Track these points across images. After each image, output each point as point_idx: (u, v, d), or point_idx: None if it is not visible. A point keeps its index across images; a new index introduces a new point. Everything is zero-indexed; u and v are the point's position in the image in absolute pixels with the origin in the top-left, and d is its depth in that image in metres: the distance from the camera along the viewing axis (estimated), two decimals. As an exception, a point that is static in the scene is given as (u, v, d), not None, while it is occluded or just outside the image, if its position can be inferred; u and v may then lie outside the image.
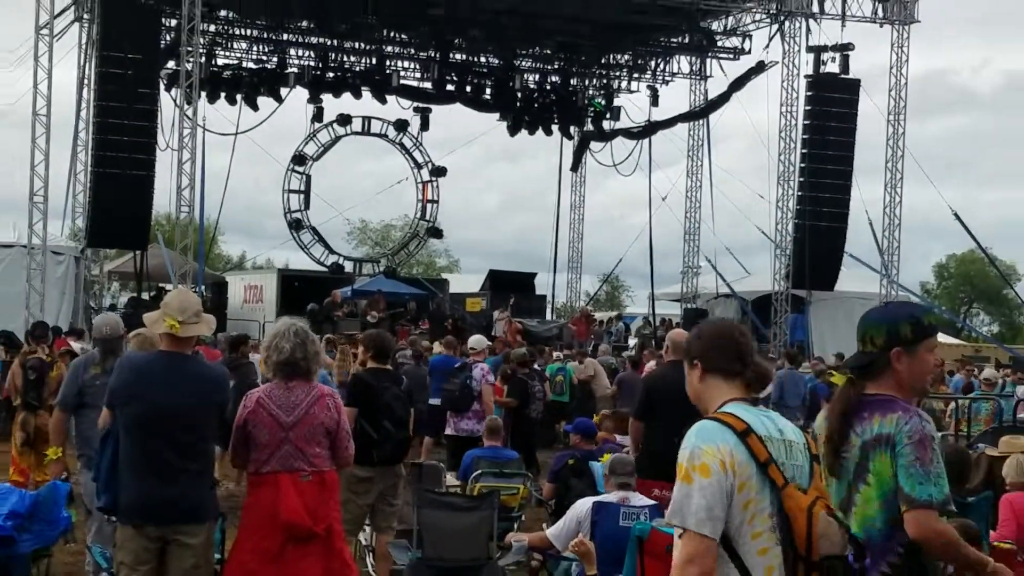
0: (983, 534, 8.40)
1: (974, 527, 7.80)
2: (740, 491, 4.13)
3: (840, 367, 5.46)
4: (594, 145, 42.45)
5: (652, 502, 9.13)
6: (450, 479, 12.41)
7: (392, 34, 39.14)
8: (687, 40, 38.90)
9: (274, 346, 7.55)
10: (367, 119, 41.44)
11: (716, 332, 4.68)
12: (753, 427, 4.24)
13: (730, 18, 37.07)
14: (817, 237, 34.85)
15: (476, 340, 19.59)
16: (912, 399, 4.98)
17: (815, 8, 34.89)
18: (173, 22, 31.80)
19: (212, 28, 35.31)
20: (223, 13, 36.28)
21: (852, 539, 4.33)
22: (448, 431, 17.00)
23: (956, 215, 37.16)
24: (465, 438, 16.26)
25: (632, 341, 32.14)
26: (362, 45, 39.42)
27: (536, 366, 22.71)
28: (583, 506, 9.29)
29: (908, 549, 4.78)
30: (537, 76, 41.95)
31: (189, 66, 31.18)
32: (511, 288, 38.03)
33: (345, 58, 39.68)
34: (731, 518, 4.13)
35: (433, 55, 39.94)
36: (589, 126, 42.35)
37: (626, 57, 41.22)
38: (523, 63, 41.26)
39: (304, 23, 37.83)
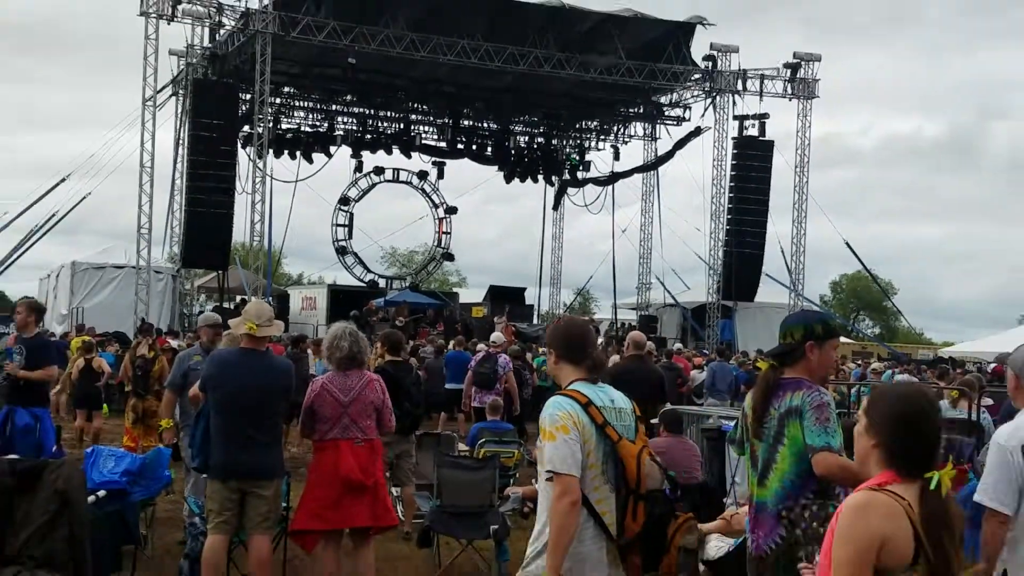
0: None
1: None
2: (585, 444, 4.47)
3: (764, 355, 5.41)
4: (570, 190, 42.48)
5: (615, 464, 9.12)
6: (461, 446, 12.39)
7: (416, 105, 39.24)
8: (641, 111, 39.07)
9: (335, 345, 7.58)
10: (396, 170, 41.44)
11: (567, 328, 5.08)
12: (592, 400, 4.60)
13: (674, 94, 37.13)
14: (741, 260, 34.92)
15: (496, 336, 19.68)
16: (816, 383, 4.99)
17: (739, 87, 34.95)
18: (248, 96, 31.76)
19: (277, 101, 35.29)
20: (286, 89, 36.37)
21: (669, 477, 4.79)
22: (474, 404, 16.85)
23: (847, 244, 37.34)
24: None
25: (600, 340, 32.04)
26: (392, 113, 39.46)
27: (527, 358, 22.75)
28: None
29: (817, 492, 4.80)
30: (526, 137, 41.99)
31: (260, 130, 31.19)
32: (506, 299, 37.98)
33: (379, 123, 39.63)
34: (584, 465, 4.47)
35: (447, 121, 39.99)
36: (566, 176, 42.39)
37: (595, 123, 41.32)
38: (516, 127, 41.35)
39: (348, 97, 37.94)
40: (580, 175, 42.14)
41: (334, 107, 38.86)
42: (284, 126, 37.60)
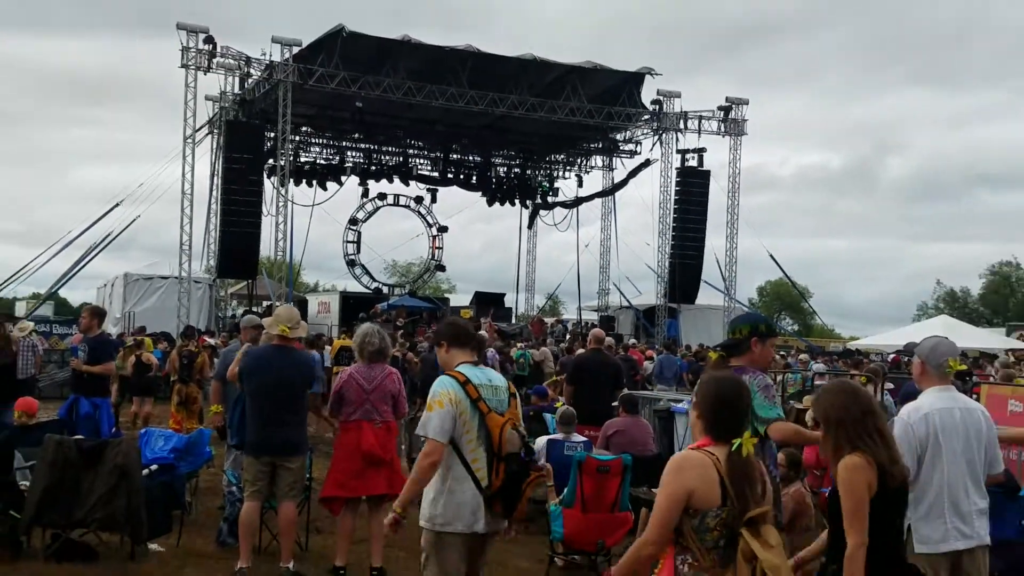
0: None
1: (797, 453, 7.87)
2: (460, 416, 4.79)
3: (716, 347, 5.44)
4: (542, 212, 42.38)
5: (585, 439, 9.13)
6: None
7: (413, 141, 39.13)
8: (600, 146, 39.04)
9: (367, 341, 7.54)
10: (397, 196, 41.28)
11: (453, 324, 5.51)
12: (470, 379, 4.90)
13: (627, 132, 37.08)
14: (683, 269, 34.96)
15: (482, 334, 19.84)
16: (758, 371, 5.04)
17: (682, 126, 34.99)
18: (271, 134, 31.67)
19: (296, 138, 35.11)
20: (304, 128, 36.23)
21: (526, 444, 4.89)
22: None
23: (771, 255, 37.35)
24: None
25: (568, 336, 32.07)
26: (393, 148, 39.33)
27: (508, 352, 22.84)
28: (540, 442, 9.26)
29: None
30: (505, 168, 41.91)
31: (282, 162, 31.10)
32: (489, 303, 37.98)
33: (382, 157, 39.53)
34: (456, 431, 4.78)
35: (439, 155, 39.90)
36: (538, 200, 42.31)
37: (562, 156, 41.26)
38: (496, 160, 41.23)
39: (356, 135, 37.82)
40: (550, 199, 42.20)
41: (344, 143, 38.76)
42: (302, 159, 37.46)
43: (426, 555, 4.96)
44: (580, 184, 40.86)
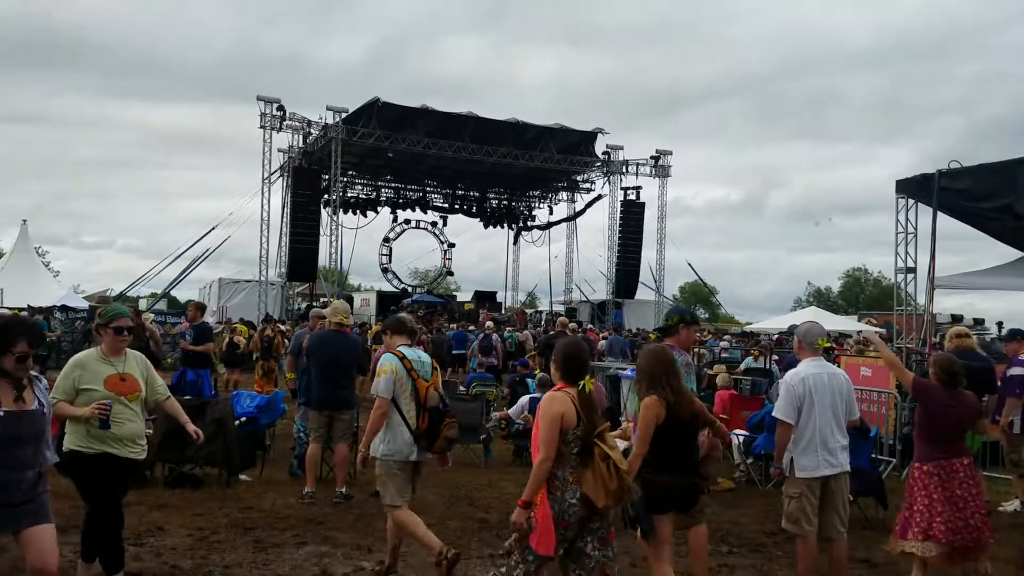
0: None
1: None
2: (399, 381, 5.08)
3: (655, 330, 5.37)
4: (524, 233, 42.33)
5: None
6: (461, 388, 12.38)
7: (429, 181, 39.04)
8: (565, 184, 38.94)
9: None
10: (418, 221, 41.19)
11: (396, 319, 5.63)
12: (407, 355, 5.19)
13: (585, 174, 37.00)
14: (626, 274, 35.11)
15: (490, 324, 19.62)
16: (682, 350, 5.05)
17: (624, 170, 35.11)
18: (326, 176, 31.53)
19: (344, 179, 34.86)
20: (350, 172, 36.04)
21: (443, 400, 5.19)
22: (482, 361, 17.01)
23: (689, 264, 37.81)
24: (488, 367, 16.25)
25: (543, 322, 32.09)
26: (415, 187, 39.27)
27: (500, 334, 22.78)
28: (524, 399, 9.31)
29: None
30: (497, 201, 41.79)
31: (334, 197, 31.05)
32: (486, 299, 38.07)
33: (407, 193, 39.45)
34: (396, 392, 5.06)
35: (449, 191, 39.84)
36: (522, 224, 42.32)
37: (537, 192, 41.17)
38: (490, 195, 41.13)
39: (388, 176, 37.74)
40: (529, 223, 42.18)
41: (380, 183, 38.55)
42: (349, 195, 37.26)
43: (381, 478, 5.15)
44: (551, 212, 40.90)
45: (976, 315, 27.63)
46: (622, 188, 35.62)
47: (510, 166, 32.92)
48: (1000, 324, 22.16)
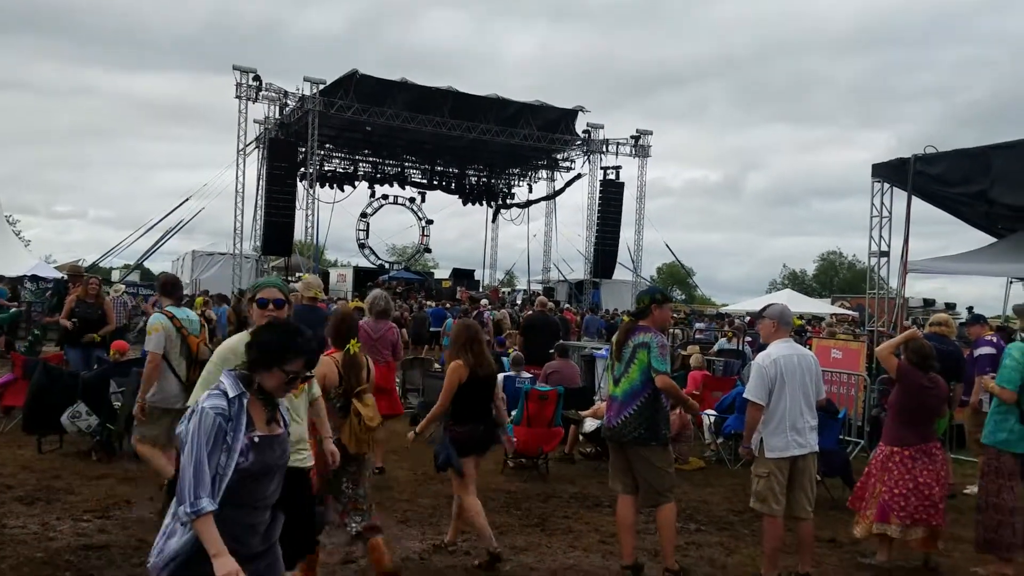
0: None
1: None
2: (168, 338, 5.64)
3: (628, 312, 5.37)
4: (503, 211, 42.15)
5: (531, 375, 9.16)
6: (436, 365, 12.34)
7: (407, 156, 38.63)
8: (545, 163, 38.88)
9: (375, 302, 7.51)
10: (396, 197, 40.80)
11: (165, 281, 6.17)
12: (176, 315, 5.75)
13: (565, 153, 36.98)
14: (603, 254, 35.17)
15: (484, 302, 19.56)
16: (658, 331, 5.05)
17: (604, 149, 35.04)
18: (303, 149, 31.15)
19: (321, 153, 34.43)
20: (327, 145, 35.61)
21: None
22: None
23: (667, 244, 38.20)
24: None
25: (521, 301, 32.13)
26: (393, 161, 38.86)
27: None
28: (499, 377, 9.30)
29: (651, 394, 4.84)
30: (476, 178, 41.54)
31: (310, 170, 30.68)
32: (463, 276, 38.00)
33: (385, 168, 39.08)
34: (167, 347, 5.61)
35: (427, 167, 39.51)
36: (501, 202, 42.16)
37: (517, 170, 40.95)
38: (469, 172, 40.87)
39: (366, 151, 37.35)
40: (508, 201, 42.01)
41: (357, 157, 38.17)
42: (326, 168, 36.86)
43: (139, 419, 5.69)
44: (530, 190, 40.68)
45: (947, 300, 28.03)
46: (602, 168, 35.58)
47: (490, 143, 32.69)
48: (971, 309, 22.46)
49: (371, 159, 38.59)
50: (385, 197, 40.75)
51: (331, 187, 36.84)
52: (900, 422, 5.27)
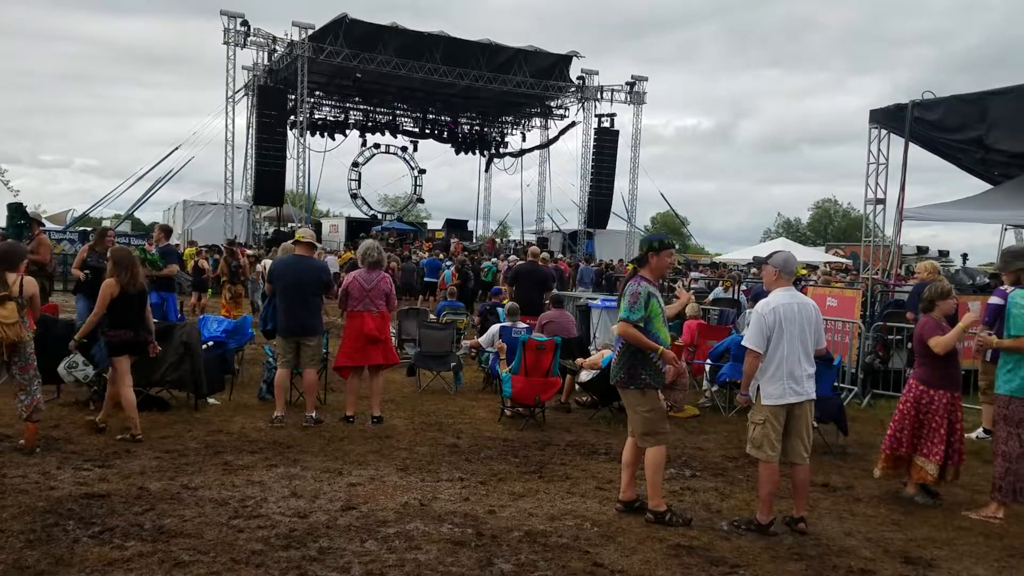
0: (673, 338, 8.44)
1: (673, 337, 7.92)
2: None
3: (631, 261, 5.36)
4: (496, 160, 41.90)
5: (527, 325, 9.18)
6: (431, 316, 12.35)
7: (399, 104, 38.15)
8: (539, 110, 38.46)
9: (368, 253, 7.41)
10: (388, 146, 40.51)
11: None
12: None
13: (559, 100, 36.58)
14: (598, 204, 35.04)
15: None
16: (657, 280, 5.03)
17: (599, 96, 34.61)
18: (293, 96, 30.68)
19: (311, 100, 33.93)
20: (317, 92, 35.11)
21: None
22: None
23: (661, 194, 38.51)
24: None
25: (511, 252, 32.10)
26: (385, 109, 38.42)
27: (476, 262, 22.73)
28: (495, 327, 9.31)
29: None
30: (469, 126, 41.10)
31: (301, 118, 30.29)
32: (457, 227, 37.83)
33: (377, 116, 38.62)
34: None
35: (419, 115, 39.05)
36: (493, 150, 41.77)
37: (510, 118, 40.57)
38: (462, 120, 40.39)
39: (357, 98, 36.78)
40: (501, 150, 41.68)
41: (348, 104, 37.67)
42: (316, 116, 36.44)
43: None
44: (524, 139, 40.42)
45: (941, 247, 28.10)
46: (596, 115, 35.20)
47: (482, 89, 32.26)
48: (965, 256, 22.58)
49: (362, 107, 38.08)
50: (377, 146, 40.36)
51: (322, 135, 36.45)
52: (938, 365, 5.57)
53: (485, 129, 41.36)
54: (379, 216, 41.46)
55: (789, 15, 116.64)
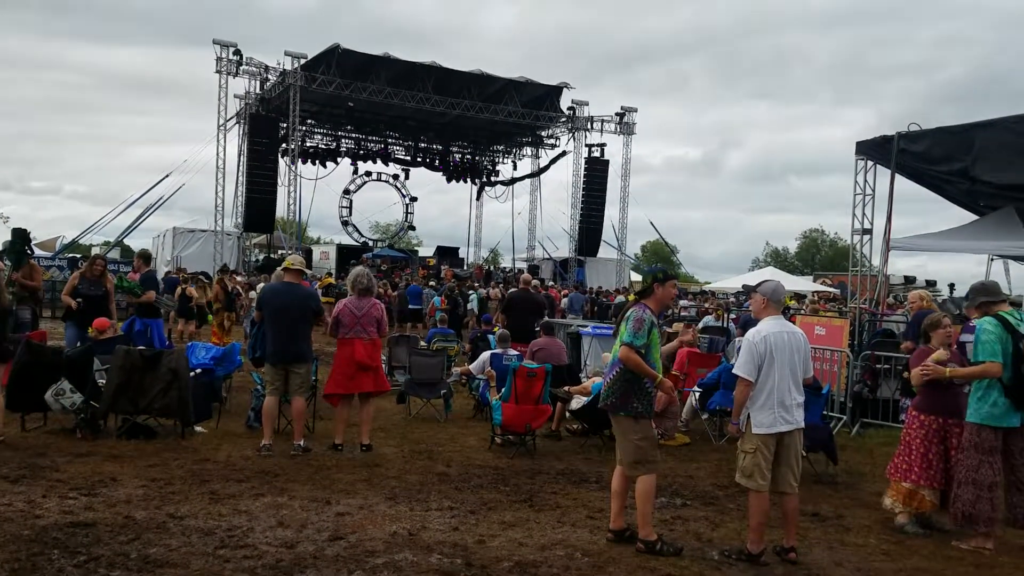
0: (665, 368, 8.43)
1: (668, 364, 7.94)
2: None
3: (634, 293, 5.42)
4: (487, 188, 42.04)
5: (518, 352, 9.18)
6: (421, 343, 12.31)
7: (391, 133, 38.32)
8: (530, 139, 38.76)
9: (358, 280, 7.39)
10: (379, 173, 40.54)
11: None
12: None
13: (550, 130, 36.86)
14: (588, 232, 35.15)
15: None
16: (659, 310, 5.09)
17: (589, 126, 34.94)
18: (284, 125, 30.82)
19: (303, 128, 34.12)
20: (309, 120, 35.29)
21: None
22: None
23: (651, 222, 38.21)
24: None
25: (501, 280, 32.10)
26: (376, 138, 38.58)
27: (464, 290, 22.73)
28: (486, 355, 9.30)
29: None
30: (460, 155, 41.29)
31: (292, 146, 30.38)
32: (448, 254, 37.88)
33: (368, 144, 38.77)
34: None
35: (411, 143, 39.22)
36: (484, 179, 41.96)
37: (502, 147, 40.82)
38: (453, 148, 40.58)
39: (349, 127, 36.99)
40: (492, 179, 41.86)
41: (340, 133, 37.84)
42: (308, 144, 36.52)
43: None
44: (515, 168, 40.65)
45: (928, 277, 28.36)
46: (586, 145, 35.50)
47: (474, 119, 32.51)
48: (952, 286, 22.79)
49: (354, 135, 38.28)
50: (368, 174, 40.51)
51: (313, 163, 36.54)
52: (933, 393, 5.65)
53: (476, 158, 41.63)
54: (370, 243, 41.48)
55: (776, 48, 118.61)
